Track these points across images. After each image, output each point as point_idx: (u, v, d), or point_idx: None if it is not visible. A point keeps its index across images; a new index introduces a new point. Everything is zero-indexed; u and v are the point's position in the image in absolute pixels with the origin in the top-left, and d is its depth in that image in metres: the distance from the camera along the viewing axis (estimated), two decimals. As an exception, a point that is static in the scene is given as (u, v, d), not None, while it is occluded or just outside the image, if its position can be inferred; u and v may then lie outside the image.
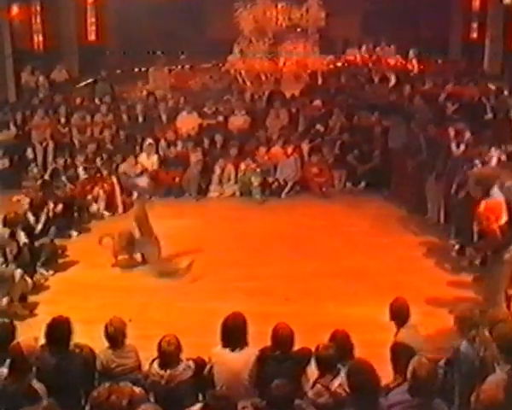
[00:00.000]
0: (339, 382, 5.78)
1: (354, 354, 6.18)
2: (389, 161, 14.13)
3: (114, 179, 13.50)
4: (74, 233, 12.27)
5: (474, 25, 22.83)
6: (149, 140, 14.79)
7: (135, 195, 13.77)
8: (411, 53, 20.13)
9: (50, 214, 11.58)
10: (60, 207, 12.00)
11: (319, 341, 6.16)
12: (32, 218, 11.05)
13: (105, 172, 13.53)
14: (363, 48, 21.36)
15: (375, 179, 14.22)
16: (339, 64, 19.96)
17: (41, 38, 22.28)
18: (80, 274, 10.61)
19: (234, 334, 6.33)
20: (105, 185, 13.34)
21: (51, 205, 11.75)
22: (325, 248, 11.26)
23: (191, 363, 6.23)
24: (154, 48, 20.06)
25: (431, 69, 19.55)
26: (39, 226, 11.14)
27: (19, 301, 9.42)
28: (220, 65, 17.84)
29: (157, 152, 14.69)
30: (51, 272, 10.65)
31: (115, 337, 6.46)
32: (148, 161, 14.37)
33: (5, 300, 9.30)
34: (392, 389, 5.66)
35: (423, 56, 20.24)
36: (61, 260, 11.16)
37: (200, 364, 6.41)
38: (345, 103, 16.28)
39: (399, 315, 6.59)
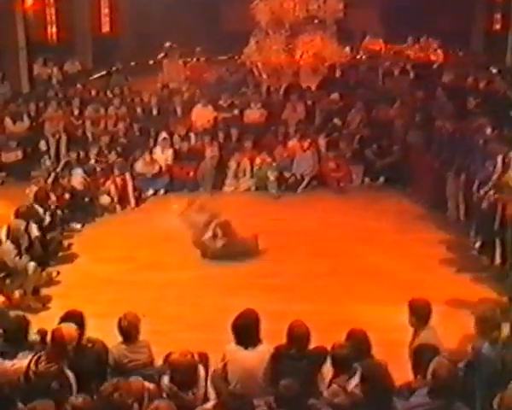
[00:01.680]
0: (355, 382, 5.75)
1: (371, 353, 6.14)
2: (409, 155, 14.06)
3: (127, 175, 13.53)
4: (85, 226, 12.32)
5: (498, 16, 22.65)
6: (164, 134, 14.79)
7: (150, 191, 13.88)
8: (435, 44, 19.98)
9: (53, 206, 11.63)
10: (67, 196, 12.10)
11: (335, 339, 6.14)
12: (40, 210, 11.09)
13: (117, 170, 13.50)
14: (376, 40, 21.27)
15: (393, 175, 14.12)
16: (357, 56, 19.87)
17: (54, 30, 22.41)
18: (92, 268, 10.62)
19: (247, 331, 6.34)
20: (117, 180, 13.35)
21: (54, 196, 11.85)
22: (342, 245, 11.22)
23: (202, 370, 6.17)
24: (169, 40, 20.05)
25: (452, 61, 19.42)
26: (47, 218, 11.17)
27: (32, 294, 9.48)
28: (236, 57, 17.86)
29: (172, 146, 14.71)
30: (63, 264, 10.70)
31: (129, 332, 6.50)
32: (163, 155, 14.38)
33: (18, 292, 9.34)
34: (415, 390, 5.62)
35: (444, 48, 20.11)
36: (72, 254, 11.23)
37: (205, 362, 6.42)
38: (363, 97, 16.21)
39: (421, 316, 6.47)
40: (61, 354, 5.97)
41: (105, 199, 13.10)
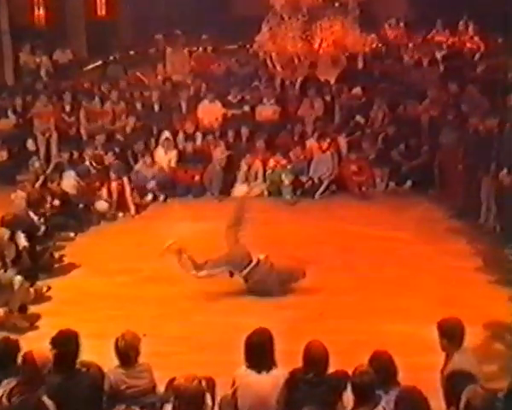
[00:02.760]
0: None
1: (397, 379, 6.15)
2: (440, 157, 14.06)
3: (125, 179, 13.63)
4: (79, 235, 12.41)
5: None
6: (167, 133, 14.88)
7: (149, 196, 13.95)
8: (471, 28, 19.80)
9: (48, 213, 11.72)
10: (56, 202, 12.20)
11: (357, 362, 6.13)
12: (35, 217, 11.15)
13: (113, 173, 13.56)
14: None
15: (422, 179, 14.19)
16: (381, 45, 19.70)
17: (43, 12, 22.22)
18: (87, 281, 10.69)
19: (259, 353, 6.31)
20: (114, 184, 13.43)
21: (48, 202, 11.97)
22: (364, 256, 11.25)
23: (209, 399, 6.11)
24: (172, 25, 20.02)
25: (489, 50, 19.26)
26: (42, 227, 11.24)
27: (18, 312, 9.45)
28: (247, 46, 17.87)
29: (175, 147, 14.77)
30: (55, 278, 10.74)
31: (127, 354, 6.44)
32: (166, 156, 14.46)
33: (2, 310, 9.29)
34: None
35: (481, 34, 19.93)
36: (64, 266, 11.31)
37: (212, 388, 6.44)
38: (389, 91, 16.22)
39: (453, 338, 6.39)
40: (35, 380, 5.88)
41: (101, 205, 13.20)
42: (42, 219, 11.34)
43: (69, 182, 13.19)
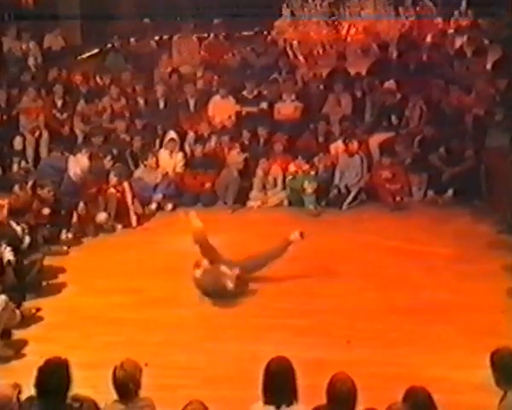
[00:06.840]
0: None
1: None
2: (486, 163, 14.06)
3: (126, 185, 13.72)
4: (73, 248, 12.50)
5: None
6: (172, 134, 14.92)
7: (153, 205, 14.01)
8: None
9: (34, 223, 11.76)
10: (46, 211, 12.26)
11: (390, 400, 6.13)
12: (18, 228, 11.17)
13: (113, 178, 13.64)
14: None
15: (466, 187, 14.16)
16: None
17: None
18: (81, 302, 10.73)
19: (279, 384, 6.28)
20: (113, 190, 13.49)
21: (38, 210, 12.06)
22: (399, 276, 11.26)
23: None
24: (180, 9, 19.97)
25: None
26: (27, 239, 11.27)
27: (1, 338, 9.41)
28: (265, 33, 17.91)
29: (182, 149, 14.83)
30: (43, 298, 10.79)
31: (126, 387, 6.40)
32: (171, 160, 14.51)
33: (-18, 336, 9.35)
34: None
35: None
36: (55, 284, 11.35)
37: None
38: (427, 85, 16.19)
39: (504, 372, 6.28)
40: None
41: (99, 215, 13.27)
42: (26, 230, 11.31)
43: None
